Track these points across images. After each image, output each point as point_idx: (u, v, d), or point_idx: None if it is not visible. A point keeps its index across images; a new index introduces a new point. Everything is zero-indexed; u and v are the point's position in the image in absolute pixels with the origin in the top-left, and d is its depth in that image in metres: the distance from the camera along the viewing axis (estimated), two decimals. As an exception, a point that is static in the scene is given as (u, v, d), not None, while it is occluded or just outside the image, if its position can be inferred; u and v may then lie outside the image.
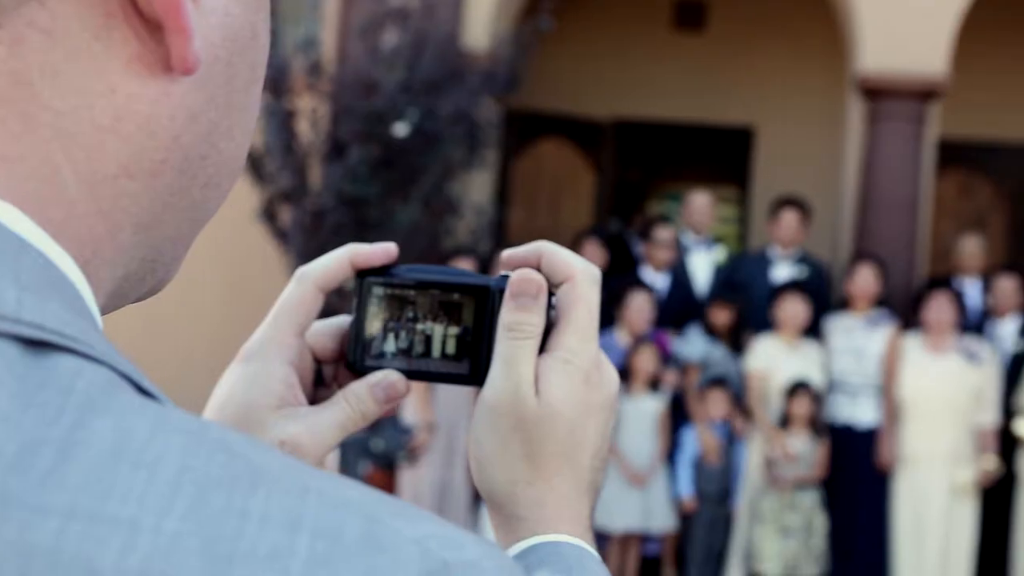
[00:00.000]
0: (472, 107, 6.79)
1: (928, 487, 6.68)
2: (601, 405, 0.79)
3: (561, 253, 0.80)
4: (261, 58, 0.59)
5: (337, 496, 0.45)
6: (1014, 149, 9.57)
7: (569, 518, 0.77)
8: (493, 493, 0.78)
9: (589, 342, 0.79)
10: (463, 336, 0.80)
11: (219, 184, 0.58)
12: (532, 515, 0.76)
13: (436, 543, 0.45)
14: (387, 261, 0.81)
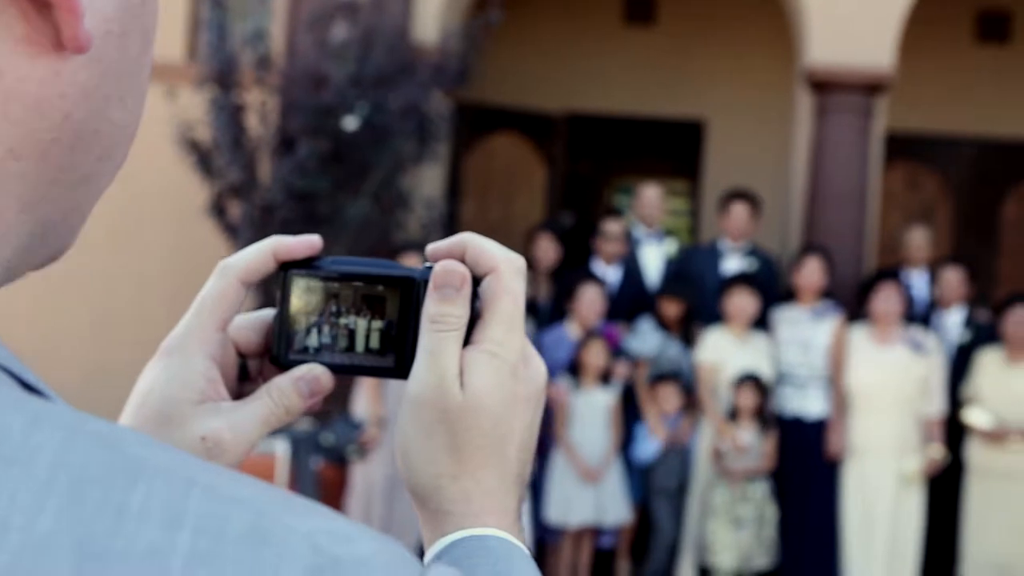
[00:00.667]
0: (422, 101, 6.77)
1: (876, 477, 6.75)
2: (528, 397, 0.78)
3: (485, 244, 0.79)
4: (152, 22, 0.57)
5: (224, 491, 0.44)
6: (959, 142, 9.69)
7: (496, 511, 0.76)
8: (419, 487, 0.77)
9: (515, 333, 0.78)
10: (387, 330, 0.79)
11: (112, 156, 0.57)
12: (458, 509, 0.76)
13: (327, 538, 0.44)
14: (311, 253, 0.79)
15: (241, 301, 0.79)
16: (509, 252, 0.79)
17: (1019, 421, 6.53)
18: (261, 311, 0.81)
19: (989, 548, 6.63)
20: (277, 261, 0.79)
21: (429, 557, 0.75)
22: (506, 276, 0.78)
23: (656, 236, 7.66)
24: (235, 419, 0.76)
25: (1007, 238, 9.70)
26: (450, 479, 0.76)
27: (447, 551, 0.74)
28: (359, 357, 0.80)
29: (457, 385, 0.76)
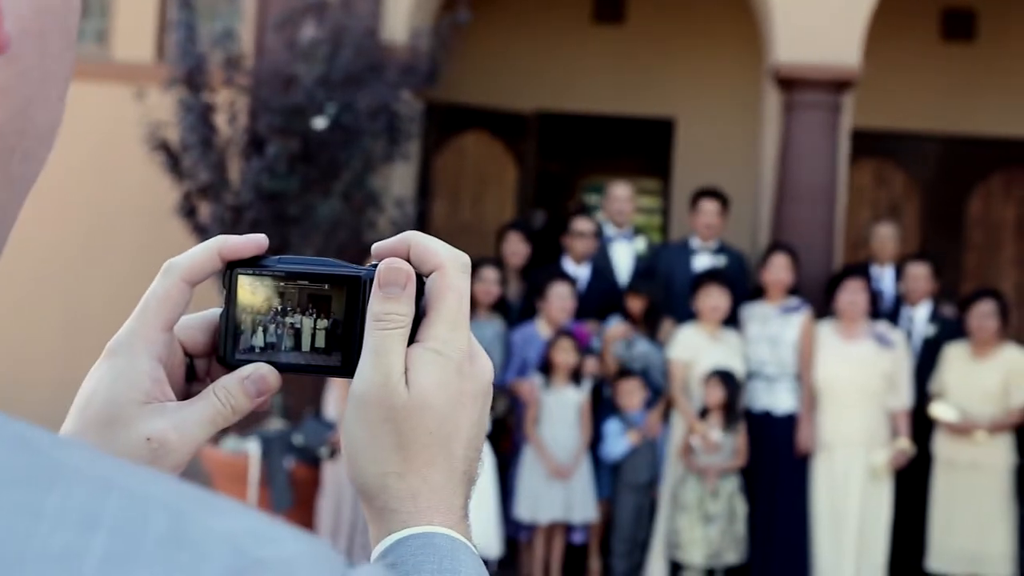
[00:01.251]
0: (392, 101, 6.78)
1: (845, 470, 6.81)
2: (474, 394, 0.78)
3: (429, 242, 0.79)
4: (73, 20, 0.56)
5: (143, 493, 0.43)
6: (926, 139, 9.78)
7: (443, 509, 0.76)
8: (365, 485, 0.77)
9: (460, 331, 0.77)
10: (333, 329, 0.79)
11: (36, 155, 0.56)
12: (404, 507, 0.75)
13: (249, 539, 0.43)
14: (257, 252, 0.79)
15: (187, 301, 0.79)
16: (453, 250, 0.79)
17: (984, 414, 6.61)
18: (208, 310, 0.81)
19: (955, 539, 6.70)
20: (223, 260, 0.78)
21: (376, 555, 0.75)
22: (451, 274, 0.78)
23: (626, 234, 7.70)
24: (180, 419, 0.75)
25: (973, 234, 9.80)
26: (396, 477, 0.76)
27: (393, 549, 0.74)
28: (305, 356, 0.79)
29: (402, 383, 0.76)
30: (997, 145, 9.69)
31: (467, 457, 0.79)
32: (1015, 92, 9.69)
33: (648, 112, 10.07)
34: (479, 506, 6.56)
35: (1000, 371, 6.64)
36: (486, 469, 6.64)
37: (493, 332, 7.01)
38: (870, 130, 9.26)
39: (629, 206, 7.66)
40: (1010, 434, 6.67)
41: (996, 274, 9.69)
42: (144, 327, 0.77)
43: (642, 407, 6.88)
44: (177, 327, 0.79)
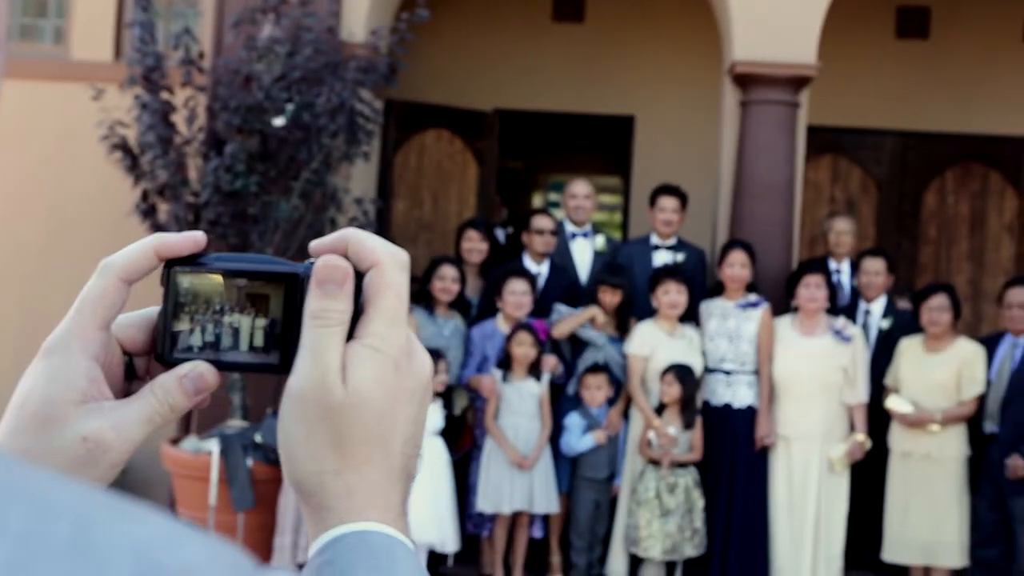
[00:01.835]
0: (351, 99, 6.78)
1: (803, 463, 6.89)
2: (411, 391, 0.78)
3: (367, 239, 0.78)
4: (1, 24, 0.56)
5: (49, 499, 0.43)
6: (881, 135, 9.88)
7: (379, 506, 0.75)
8: (302, 483, 0.76)
9: (398, 328, 0.77)
10: (271, 327, 0.79)
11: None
12: (340, 504, 0.75)
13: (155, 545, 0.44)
14: (195, 250, 0.79)
15: (123, 300, 0.78)
16: (392, 247, 0.79)
17: (937, 407, 6.71)
18: (146, 309, 0.81)
19: (911, 530, 6.80)
20: (160, 259, 0.78)
21: (311, 553, 0.75)
22: (389, 271, 0.77)
23: (585, 232, 7.74)
24: (117, 418, 0.75)
25: (928, 229, 9.92)
26: (333, 474, 0.75)
27: (328, 547, 0.74)
28: (244, 354, 0.79)
29: (339, 380, 0.75)
30: (951, 141, 9.81)
31: (405, 454, 0.78)
32: (968, 88, 9.82)
33: (608, 110, 10.12)
34: (435, 502, 6.59)
35: (953, 364, 6.74)
36: (442, 465, 6.66)
37: (452, 329, 7.04)
38: (827, 127, 9.35)
39: (588, 203, 7.71)
40: (963, 426, 6.76)
41: (951, 268, 9.81)
42: (80, 326, 0.77)
43: (604, 402, 6.93)
44: (115, 326, 0.79)
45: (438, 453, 6.72)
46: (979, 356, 6.74)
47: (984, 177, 9.86)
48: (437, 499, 6.63)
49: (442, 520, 6.61)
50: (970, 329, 9.32)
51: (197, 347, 0.79)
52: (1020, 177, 9.85)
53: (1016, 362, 6.68)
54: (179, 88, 6.91)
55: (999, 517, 6.70)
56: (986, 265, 9.79)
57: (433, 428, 6.73)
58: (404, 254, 0.80)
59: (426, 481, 6.61)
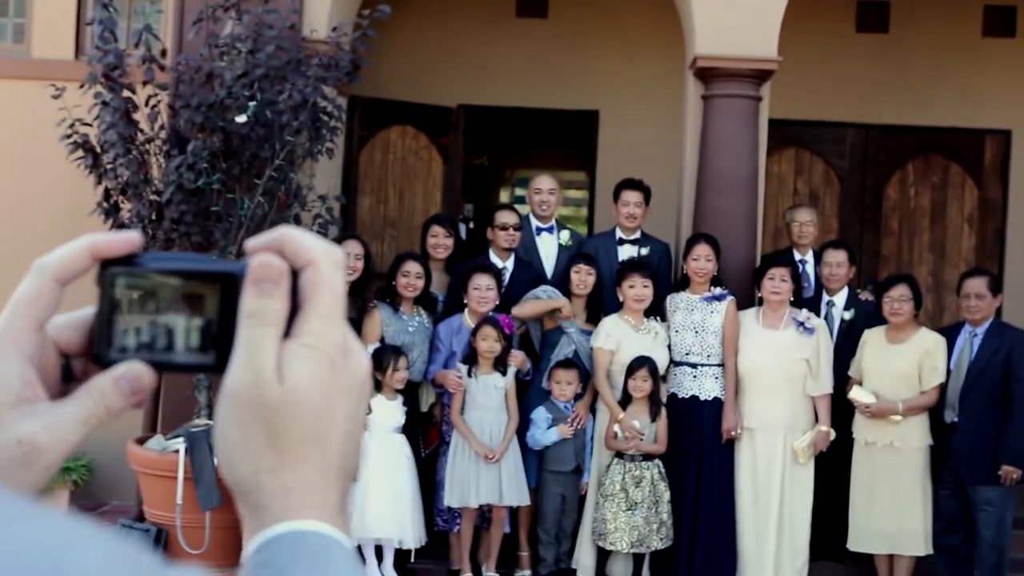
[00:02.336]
0: (314, 96, 6.77)
1: (768, 454, 6.94)
2: (349, 389, 0.78)
3: (303, 238, 0.78)
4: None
5: None
6: (843, 128, 9.95)
7: (316, 504, 0.75)
8: (238, 482, 0.76)
9: (334, 326, 0.77)
10: (207, 327, 0.79)
11: None
12: (277, 503, 0.75)
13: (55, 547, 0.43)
14: (130, 251, 0.78)
15: (57, 300, 0.78)
16: (327, 245, 0.79)
17: (900, 397, 6.77)
18: (83, 309, 0.80)
19: (875, 519, 6.86)
20: (95, 259, 0.78)
21: (248, 552, 0.75)
22: (324, 269, 0.77)
23: (551, 226, 7.76)
24: (52, 420, 0.75)
25: (891, 221, 10.01)
26: (269, 473, 0.75)
27: (264, 547, 0.73)
28: (180, 354, 0.79)
29: (275, 379, 0.75)
30: (912, 133, 9.90)
31: (343, 452, 0.78)
32: (928, 81, 9.90)
33: (572, 105, 10.15)
34: (396, 498, 6.60)
35: (914, 354, 6.81)
36: (403, 461, 6.67)
37: (418, 325, 7.04)
38: (789, 120, 9.41)
39: (553, 198, 7.72)
40: (925, 416, 6.83)
41: (913, 260, 9.91)
42: (13, 328, 0.76)
43: (572, 397, 6.95)
44: (51, 327, 0.78)
45: (399, 449, 6.72)
46: (940, 346, 6.81)
47: (944, 169, 9.95)
48: (399, 495, 6.63)
49: (403, 516, 6.62)
50: (933, 320, 9.42)
51: (133, 347, 0.79)
52: (980, 169, 9.95)
53: (974, 351, 6.75)
54: (141, 86, 6.87)
55: (961, 505, 6.78)
56: (947, 256, 9.89)
57: (394, 425, 6.73)
58: (340, 252, 0.80)
59: (386, 477, 6.62)
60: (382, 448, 6.67)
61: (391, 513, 6.59)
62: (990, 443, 6.61)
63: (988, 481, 6.62)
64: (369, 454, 6.65)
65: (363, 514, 6.57)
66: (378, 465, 6.62)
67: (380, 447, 6.67)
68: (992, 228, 9.94)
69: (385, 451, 6.67)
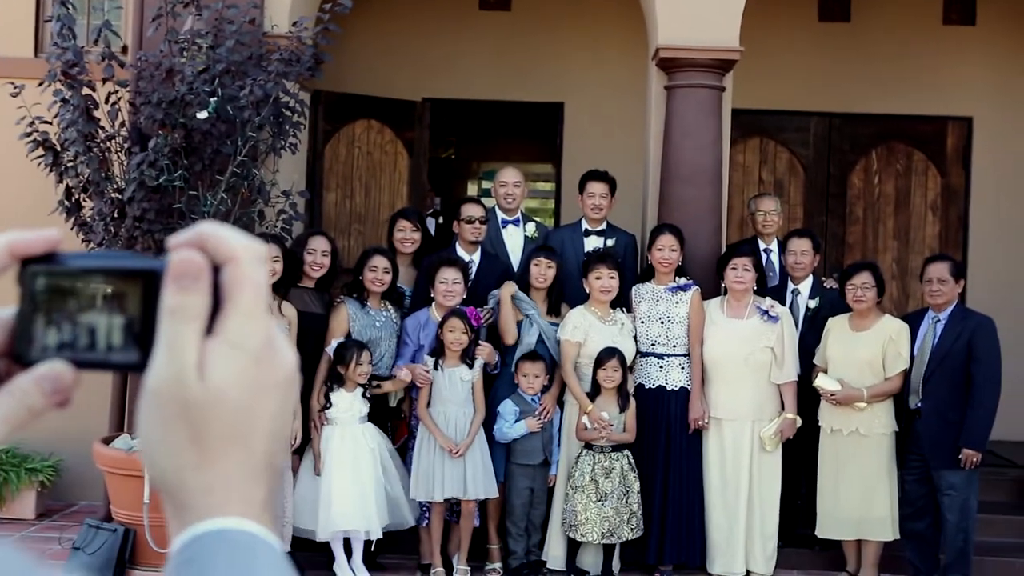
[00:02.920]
0: (276, 91, 6.74)
1: (735, 443, 6.98)
2: (275, 385, 0.77)
3: (223, 234, 0.77)
4: None
5: None
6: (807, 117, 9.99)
7: (241, 502, 0.75)
8: (161, 480, 0.76)
9: (256, 322, 0.77)
10: (129, 324, 0.78)
11: None
12: (200, 501, 0.74)
13: None
14: (49, 248, 0.78)
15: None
16: (249, 240, 0.78)
17: (864, 384, 6.81)
18: (2, 309, 0.80)
19: (842, 506, 6.91)
20: (15, 257, 0.77)
21: (172, 550, 0.74)
22: (245, 265, 0.77)
23: (516, 219, 7.75)
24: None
25: (855, 209, 10.06)
26: (192, 471, 0.75)
27: (188, 545, 0.73)
28: (103, 353, 0.78)
29: (196, 376, 0.75)
30: (875, 121, 9.96)
31: (268, 449, 0.77)
32: (891, 70, 9.96)
33: (537, 97, 10.15)
34: (358, 490, 6.59)
35: (878, 341, 6.85)
36: (366, 453, 6.66)
37: (385, 320, 7.03)
38: (754, 110, 9.45)
39: (518, 191, 7.71)
40: (890, 402, 6.88)
41: (878, 247, 9.97)
42: None
43: (540, 390, 6.96)
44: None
45: (362, 441, 6.71)
46: (903, 333, 6.86)
47: (908, 157, 10.01)
48: (363, 486, 6.62)
49: (368, 507, 6.60)
50: (898, 307, 9.49)
51: (55, 346, 0.78)
52: (943, 156, 10.02)
53: (937, 337, 6.80)
54: (101, 83, 6.82)
55: (926, 490, 6.83)
56: (912, 243, 9.96)
57: (357, 416, 6.72)
58: (261, 247, 0.79)
59: (350, 470, 6.61)
60: (344, 440, 6.66)
61: (355, 506, 6.58)
62: (953, 428, 6.66)
63: (951, 466, 6.68)
64: (331, 447, 6.64)
65: (328, 509, 6.56)
66: (341, 457, 6.61)
67: (342, 440, 6.66)
68: (955, 214, 10.01)
69: (347, 443, 6.66)
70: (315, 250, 6.89)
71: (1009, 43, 9.94)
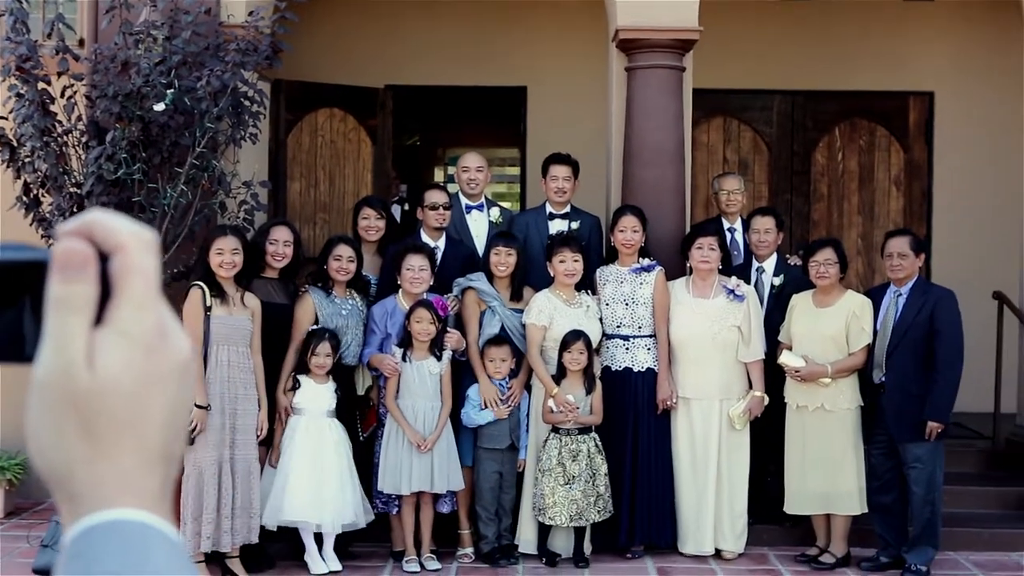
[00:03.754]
0: (233, 81, 6.69)
1: (703, 422, 7.01)
2: (168, 374, 0.77)
3: (111, 222, 0.76)
4: None
5: None
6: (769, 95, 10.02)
7: (134, 492, 0.75)
8: (52, 473, 0.75)
9: (146, 311, 0.76)
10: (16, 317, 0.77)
11: None
12: (91, 493, 0.74)
13: None
14: None
15: None
16: (137, 228, 0.77)
17: (828, 360, 6.84)
18: None
19: (809, 481, 6.95)
20: None
21: (64, 542, 0.74)
22: (134, 253, 0.76)
23: (480, 204, 7.74)
24: None
25: (820, 185, 10.10)
26: (83, 463, 0.74)
27: (79, 538, 0.73)
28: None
29: (84, 368, 0.74)
30: (837, 98, 9.99)
31: (163, 438, 0.77)
32: (851, 46, 9.98)
33: (500, 82, 10.13)
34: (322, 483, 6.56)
35: (841, 317, 6.88)
36: (331, 445, 6.64)
37: (351, 308, 7.01)
38: (716, 89, 9.45)
39: (480, 175, 7.69)
40: (854, 377, 6.91)
41: (843, 223, 10.01)
42: None
43: (507, 374, 6.96)
44: None
45: (327, 434, 6.68)
46: (866, 308, 6.89)
47: (871, 133, 10.06)
48: (323, 479, 6.59)
49: (325, 501, 6.57)
50: (864, 282, 9.54)
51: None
52: (905, 131, 10.07)
53: (899, 311, 6.84)
54: (56, 77, 6.76)
55: (892, 464, 6.87)
56: (876, 219, 10.01)
57: (325, 409, 6.70)
58: (150, 235, 0.78)
59: (311, 462, 6.58)
60: (309, 432, 6.63)
61: (309, 498, 6.56)
62: (916, 401, 6.70)
63: (916, 438, 6.72)
64: (295, 438, 6.62)
65: (282, 498, 6.53)
66: (303, 449, 6.59)
67: (307, 431, 6.64)
68: (919, 189, 10.06)
69: (312, 435, 6.64)
70: (277, 240, 6.85)
71: (968, 17, 9.99)
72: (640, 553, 7.10)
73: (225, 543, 6.38)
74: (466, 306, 7.04)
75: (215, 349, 6.34)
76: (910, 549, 6.82)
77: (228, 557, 6.49)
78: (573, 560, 6.93)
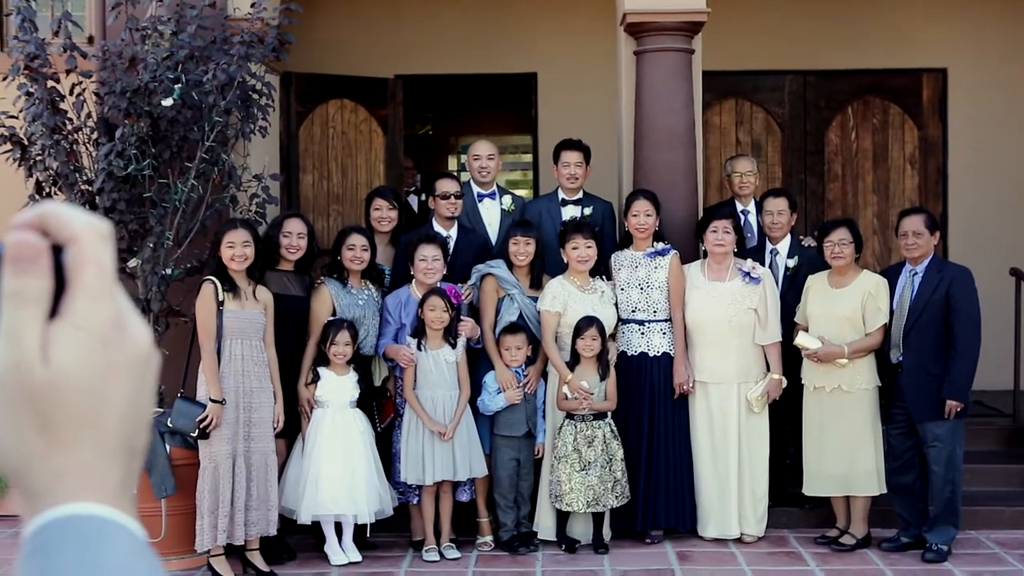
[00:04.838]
0: (239, 74, 6.69)
1: (722, 405, 6.98)
2: (127, 366, 0.76)
3: (65, 213, 0.75)
4: None
5: None
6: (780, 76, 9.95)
7: (94, 486, 0.74)
8: (10, 468, 0.75)
9: (102, 303, 0.75)
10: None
11: None
12: (50, 487, 0.73)
13: None
14: None
15: None
16: (91, 219, 0.76)
17: (845, 340, 6.80)
18: None
19: (828, 463, 6.92)
20: None
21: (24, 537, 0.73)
22: (88, 244, 0.75)
23: (492, 192, 7.72)
24: None
25: (834, 165, 10.04)
26: (40, 458, 0.74)
27: (39, 532, 0.72)
28: None
29: (39, 362, 0.73)
30: (849, 77, 9.92)
31: (124, 432, 0.76)
32: (862, 24, 9.91)
33: (510, 69, 10.10)
34: (348, 474, 6.57)
35: (857, 297, 6.84)
36: (356, 436, 6.65)
37: (367, 298, 7.01)
38: (728, 71, 9.41)
39: (492, 163, 7.67)
40: (871, 357, 6.87)
41: (858, 203, 9.95)
42: None
43: (523, 362, 6.95)
44: None
45: (352, 424, 6.70)
46: (882, 287, 6.85)
47: (884, 111, 9.98)
48: (352, 470, 6.61)
49: (357, 491, 6.60)
50: (881, 261, 9.48)
51: None
52: (919, 109, 9.99)
53: (915, 290, 6.79)
54: (64, 75, 6.77)
55: (911, 443, 6.83)
56: (891, 197, 9.94)
57: (348, 399, 6.71)
58: (105, 226, 0.78)
59: (340, 453, 6.60)
60: (335, 424, 6.65)
61: (343, 489, 6.58)
62: (935, 380, 6.66)
63: (935, 417, 6.68)
64: (322, 430, 6.63)
65: (316, 491, 6.55)
66: (331, 441, 6.60)
67: (334, 423, 6.65)
68: (934, 166, 9.99)
69: (338, 427, 6.65)
70: (291, 233, 6.84)
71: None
72: (659, 538, 7.08)
73: (239, 536, 6.39)
74: (484, 293, 7.03)
75: (228, 343, 6.35)
76: (931, 529, 6.78)
77: (248, 550, 6.51)
78: (592, 546, 6.92)
